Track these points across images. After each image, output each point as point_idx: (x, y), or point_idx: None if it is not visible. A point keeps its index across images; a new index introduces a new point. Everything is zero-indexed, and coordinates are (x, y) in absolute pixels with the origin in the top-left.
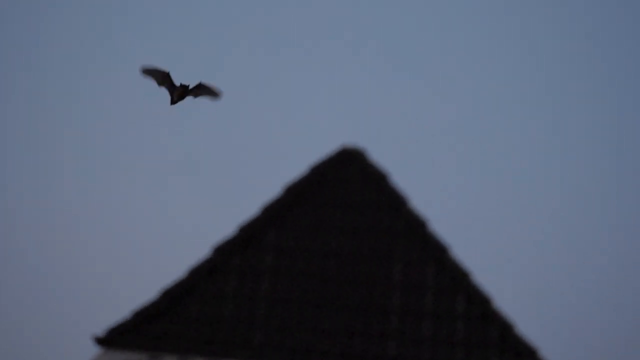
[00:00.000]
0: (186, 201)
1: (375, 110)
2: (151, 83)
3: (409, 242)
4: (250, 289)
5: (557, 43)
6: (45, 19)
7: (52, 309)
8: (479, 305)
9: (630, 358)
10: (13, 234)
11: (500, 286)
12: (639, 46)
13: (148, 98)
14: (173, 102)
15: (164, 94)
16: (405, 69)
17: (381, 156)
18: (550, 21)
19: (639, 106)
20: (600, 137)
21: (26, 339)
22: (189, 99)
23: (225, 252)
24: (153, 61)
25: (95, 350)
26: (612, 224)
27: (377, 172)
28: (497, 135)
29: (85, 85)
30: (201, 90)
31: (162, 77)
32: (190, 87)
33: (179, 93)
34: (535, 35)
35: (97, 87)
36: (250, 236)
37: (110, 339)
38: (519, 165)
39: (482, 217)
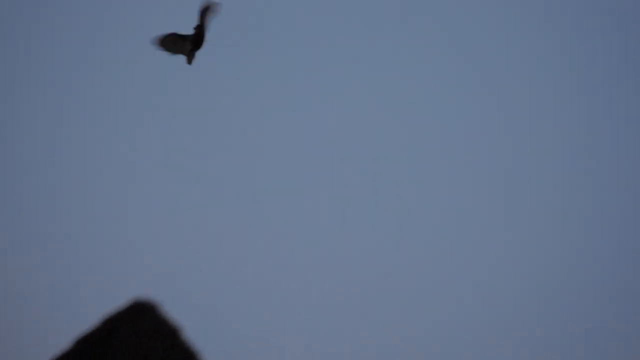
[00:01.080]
0: None
1: (173, 259)
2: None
3: None
4: None
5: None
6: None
7: None
8: None
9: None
10: None
11: None
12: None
13: None
14: (191, 56)
15: None
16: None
17: (175, 310)
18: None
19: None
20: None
21: None
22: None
23: None
24: None
25: None
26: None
27: (168, 326)
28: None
29: None
30: (207, 15)
31: (174, 43)
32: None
33: (195, 39)
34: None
35: None
36: None
37: None
38: None
39: None
